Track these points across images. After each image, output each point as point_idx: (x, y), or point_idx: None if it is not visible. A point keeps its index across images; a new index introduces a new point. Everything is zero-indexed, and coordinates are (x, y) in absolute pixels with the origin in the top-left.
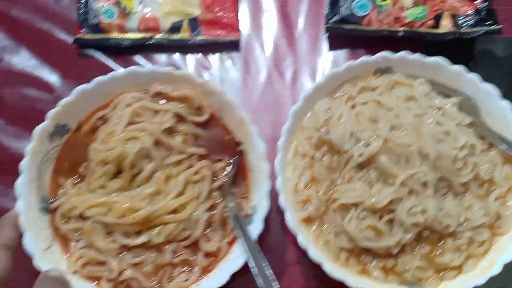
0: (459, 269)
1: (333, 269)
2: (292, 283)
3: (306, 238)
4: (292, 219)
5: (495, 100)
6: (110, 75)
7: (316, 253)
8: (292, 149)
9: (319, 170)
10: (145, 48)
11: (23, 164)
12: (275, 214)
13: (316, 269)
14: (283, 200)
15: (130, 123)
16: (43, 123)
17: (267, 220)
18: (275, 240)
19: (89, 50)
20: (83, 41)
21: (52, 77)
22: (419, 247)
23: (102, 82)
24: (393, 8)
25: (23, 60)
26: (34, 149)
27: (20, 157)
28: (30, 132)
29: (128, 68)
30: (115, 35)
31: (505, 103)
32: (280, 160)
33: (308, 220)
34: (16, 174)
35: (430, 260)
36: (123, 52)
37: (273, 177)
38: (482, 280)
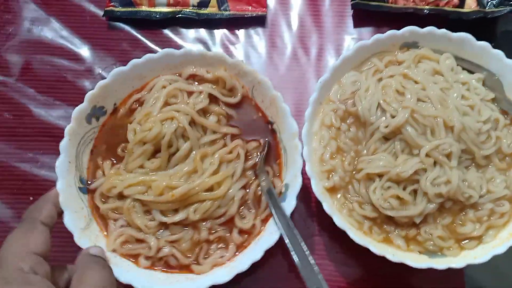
0: (479, 239)
1: (357, 236)
2: (315, 253)
3: (331, 207)
4: (317, 188)
5: None
6: (145, 57)
7: (340, 221)
8: (319, 120)
9: (344, 141)
10: (174, 22)
11: (62, 145)
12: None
13: (337, 241)
14: (309, 169)
15: (166, 104)
16: (81, 104)
17: None
18: (298, 210)
19: (119, 23)
20: (113, 13)
21: (82, 49)
22: (441, 217)
23: (138, 64)
24: None
25: (54, 31)
26: (72, 130)
27: (49, 126)
28: (60, 101)
29: (163, 50)
30: (145, 8)
31: None
32: (307, 130)
33: (333, 190)
34: (46, 142)
35: (452, 230)
36: (152, 25)
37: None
38: (502, 249)
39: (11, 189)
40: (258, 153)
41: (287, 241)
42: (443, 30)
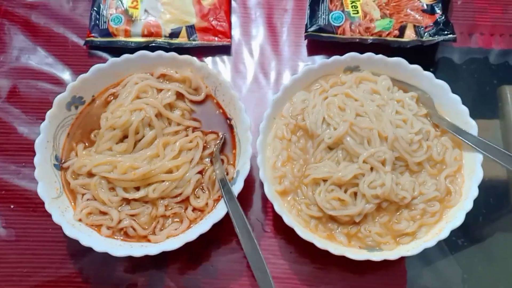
0: (413, 235)
1: (304, 233)
2: (271, 253)
3: (281, 207)
4: (269, 191)
5: (447, 93)
6: (123, 56)
7: (289, 219)
8: (272, 133)
9: (294, 151)
10: (147, 50)
11: (43, 126)
12: (258, 189)
13: (290, 243)
14: (262, 175)
15: (137, 98)
16: (63, 93)
17: (250, 193)
18: (256, 214)
19: (98, 51)
20: (93, 43)
21: (64, 74)
22: (379, 216)
23: (116, 62)
24: (364, 19)
25: (40, 59)
26: (52, 114)
27: (32, 142)
28: (41, 120)
29: (140, 51)
30: (122, 38)
31: (455, 96)
32: (261, 141)
33: (284, 193)
34: (28, 156)
35: (389, 227)
36: (128, 53)
37: (254, 158)
38: (432, 243)
39: None
40: (215, 144)
41: (232, 216)
42: (380, 56)
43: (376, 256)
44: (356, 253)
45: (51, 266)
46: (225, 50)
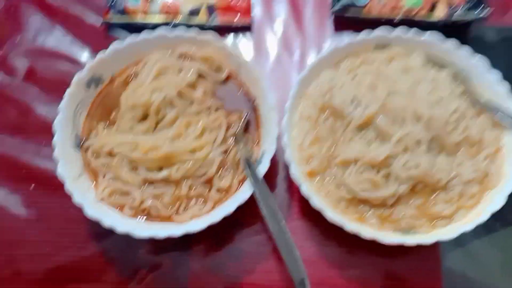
0: (450, 218)
1: (334, 215)
2: (297, 236)
3: (308, 189)
4: (296, 172)
5: (484, 72)
6: (141, 36)
7: (318, 201)
8: (298, 113)
9: (322, 131)
10: None
11: (62, 105)
12: (282, 172)
13: (317, 225)
14: (289, 155)
15: (157, 77)
16: (80, 72)
17: (274, 176)
18: (280, 197)
19: (116, 31)
20: (110, 22)
21: (82, 54)
22: (413, 199)
23: (134, 41)
24: None
25: (57, 39)
26: (71, 93)
27: (50, 122)
28: (60, 100)
29: (157, 31)
30: (140, 17)
31: (493, 75)
32: (287, 120)
33: (312, 174)
34: (47, 136)
35: (424, 210)
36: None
37: (279, 139)
38: (470, 227)
39: (15, 177)
40: (239, 123)
41: (257, 198)
42: (412, 31)
43: (410, 240)
44: (389, 237)
45: (73, 246)
46: (246, 29)
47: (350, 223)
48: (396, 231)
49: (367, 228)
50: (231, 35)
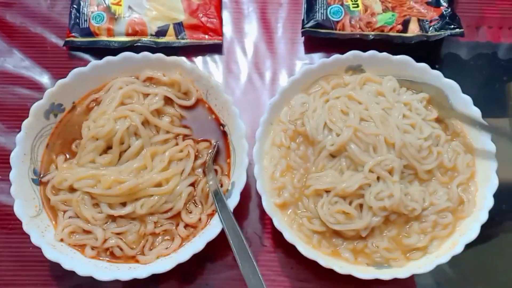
0: (424, 249)
1: (306, 250)
2: (270, 270)
3: (281, 222)
4: (268, 204)
5: (458, 94)
6: (105, 59)
7: (290, 235)
8: (270, 140)
9: (294, 159)
10: (132, 50)
11: (18, 138)
12: (255, 198)
13: (291, 257)
14: (260, 187)
15: (121, 104)
16: (39, 101)
17: (246, 202)
18: (252, 226)
19: (79, 52)
20: (73, 43)
21: (43, 78)
22: (387, 230)
23: (98, 65)
24: (365, 14)
25: (16, 62)
26: (29, 124)
27: (8, 151)
28: (19, 129)
29: (123, 53)
30: (104, 38)
31: (466, 96)
32: (258, 149)
33: (284, 206)
34: (5, 168)
35: (398, 242)
36: (111, 54)
37: (251, 166)
38: (445, 259)
39: None
40: (208, 153)
41: (227, 234)
42: (385, 54)
43: (385, 274)
44: (363, 272)
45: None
46: (216, 48)
47: (324, 258)
48: (370, 265)
49: (342, 263)
50: (199, 57)
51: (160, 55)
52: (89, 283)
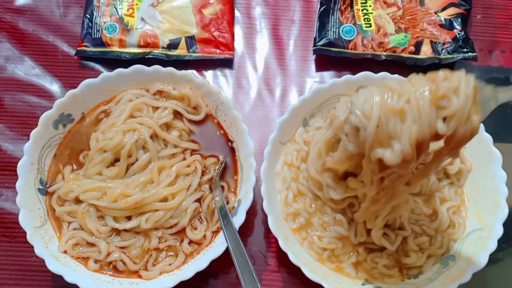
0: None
1: (311, 272)
2: (273, 287)
3: (286, 243)
4: (274, 224)
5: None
6: (116, 71)
7: (294, 258)
8: (282, 159)
9: (301, 182)
10: (143, 62)
11: (26, 147)
12: (260, 213)
13: (296, 277)
14: (266, 206)
15: (131, 116)
16: (49, 110)
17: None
18: (258, 243)
19: (90, 62)
20: (84, 53)
21: (53, 86)
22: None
23: (109, 77)
24: (377, 34)
25: (27, 69)
26: (38, 134)
27: (17, 160)
28: (28, 136)
29: (134, 66)
30: (116, 49)
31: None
32: (266, 168)
33: (297, 230)
34: (12, 176)
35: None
36: (122, 65)
37: (258, 183)
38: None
39: None
40: (215, 169)
41: (232, 254)
42: (396, 76)
43: None
44: None
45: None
46: (227, 63)
47: (328, 279)
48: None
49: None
50: (210, 71)
51: (171, 69)
52: None
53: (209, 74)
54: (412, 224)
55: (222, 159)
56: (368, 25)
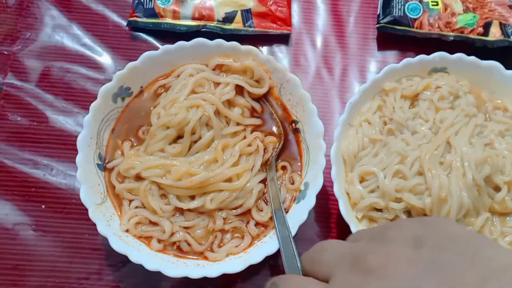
0: None
1: None
2: None
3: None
4: (346, 210)
5: None
6: (177, 44)
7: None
8: (346, 142)
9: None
10: (197, 35)
11: (86, 120)
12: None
13: None
14: (337, 190)
15: (193, 92)
16: (109, 83)
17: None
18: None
19: (141, 33)
20: (136, 23)
21: (102, 58)
22: None
23: (170, 50)
24: (444, 13)
25: (75, 39)
26: (97, 107)
27: (65, 133)
28: (77, 109)
29: (196, 39)
30: (169, 20)
31: None
32: (335, 151)
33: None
34: (61, 149)
35: None
36: (175, 38)
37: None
38: None
39: (23, 196)
40: (274, 149)
41: (283, 256)
42: (472, 58)
43: None
44: None
45: (89, 277)
46: (283, 39)
47: None
48: None
49: None
50: (265, 47)
51: (234, 43)
52: (147, 272)
53: (265, 50)
54: None
55: (281, 140)
56: (435, 3)
